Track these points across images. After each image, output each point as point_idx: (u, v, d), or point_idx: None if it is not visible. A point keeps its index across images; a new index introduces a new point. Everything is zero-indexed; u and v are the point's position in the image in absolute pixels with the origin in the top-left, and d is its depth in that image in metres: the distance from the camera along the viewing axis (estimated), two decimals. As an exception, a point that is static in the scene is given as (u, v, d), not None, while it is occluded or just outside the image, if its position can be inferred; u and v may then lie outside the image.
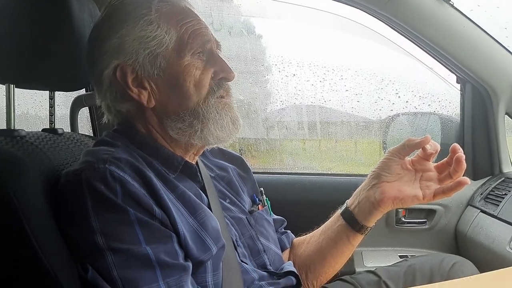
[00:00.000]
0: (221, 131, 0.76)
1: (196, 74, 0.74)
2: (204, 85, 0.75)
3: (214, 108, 0.75)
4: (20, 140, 0.73)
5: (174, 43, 0.74)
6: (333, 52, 1.66)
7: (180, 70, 0.74)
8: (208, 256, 0.69)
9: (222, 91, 0.77)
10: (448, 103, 1.60)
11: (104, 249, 0.61)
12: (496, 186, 1.38)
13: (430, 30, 1.29)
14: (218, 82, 0.77)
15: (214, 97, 0.76)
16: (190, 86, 0.74)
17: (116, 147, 0.71)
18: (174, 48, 0.74)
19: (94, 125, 1.44)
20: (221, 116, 0.76)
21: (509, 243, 1.14)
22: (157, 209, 0.65)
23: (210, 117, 0.75)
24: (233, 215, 0.85)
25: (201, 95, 0.75)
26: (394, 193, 0.82)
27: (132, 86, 0.74)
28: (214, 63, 0.77)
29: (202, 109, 0.75)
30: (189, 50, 0.74)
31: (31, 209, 0.61)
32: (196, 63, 0.75)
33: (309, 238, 0.98)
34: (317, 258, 0.93)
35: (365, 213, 0.86)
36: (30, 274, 0.61)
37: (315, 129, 1.78)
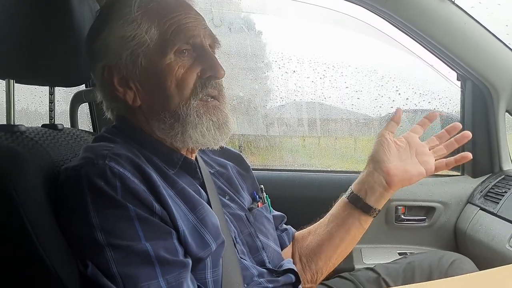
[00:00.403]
0: (201, 137, 0.73)
1: (178, 73, 0.72)
2: (187, 85, 0.72)
3: (194, 111, 0.72)
4: (20, 136, 0.73)
5: (156, 41, 0.72)
6: (333, 48, 1.66)
7: (161, 69, 0.72)
8: (208, 253, 0.69)
9: (211, 90, 0.74)
10: (449, 100, 1.59)
11: (103, 245, 0.61)
12: (496, 184, 1.38)
13: (431, 27, 1.29)
14: (205, 81, 0.73)
15: (197, 99, 0.73)
16: (171, 86, 0.72)
17: (116, 143, 0.71)
18: (156, 47, 0.72)
19: (94, 121, 1.44)
20: (201, 120, 0.72)
21: (509, 241, 1.15)
22: (157, 206, 0.65)
23: (189, 120, 0.72)
24: (232, 212, 0.84)
25: (183, 96, 0.72)
26: (401, 174, 0.86)
27: (118, 86, 0.74)
28: (203, 60, 0.74)
29: (182, 112, 0.72)
30: (172, 47, 0.72)
31: (31, 204, 0.61)
32: (180, 62, 0.72)
33: (314, 229, 0.97)
34: (328, 246, 0.93)
35: (377, 197, 0.88)
36: (30, 269, 0.61)
37: (315, 126, 1.78)
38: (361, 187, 0.89)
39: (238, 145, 1.73)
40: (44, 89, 0.98)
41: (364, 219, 0.90)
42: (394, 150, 0.88)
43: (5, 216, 0.60)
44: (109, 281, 0.61)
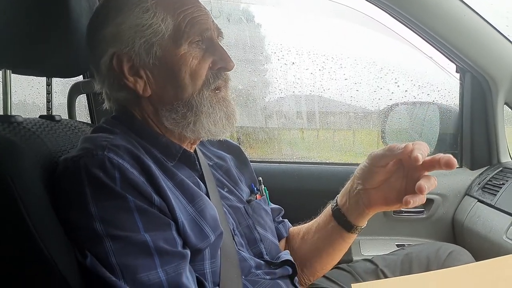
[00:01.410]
0: (213, 126, 0.75)
1: (192, 64, 0.73)
2: (200, 75, 0.73)
3: (208, 101, 0.74)
4: (17, 126, 0.72)
5: (171, 31, 0.72)
6: (332, 40, 1.65)
7: (176, 60, 0.72)
8: (206, 244, 0.70)
9: (220, 82, 0.76)
10: (447, 92, 1.59)
11: (102, 236, 0.61)
12: (494, 176, 1.38)
13: (430, 19, 1.28)
14: (216, 73, 0.75)
15: (209, 89, 0.74)
16: (185, 76, 0.73)
17: (115, 134, 0.71)
18: (170, 37, 0.72)
19: (92, 112, 1.43)
20: (214, 110, 0.74)
21: (506, 232, 1.15)
22: (156, 197, 0.65)
23: (203, 110, 0.73)
24: (230, 204, 0.85)
25: (196, 86, 0.73)
26: (380, 201, 0.80)
27: (128, 74, 0.73)
28: (213, 52, 0.75)
29: (196, 101, 0.73)
30: (186, 38, 0.73)
31: (29, 195, 0.60)
32: (193, 52, 0.73)
33: (302, 234, 0.97)
34: (313, 256, 0.93)
35: (356, 215, 0.85)
36: (28, 260, 0.61)
37: (313, 119, 1.78)
38: (345, 200, 0.86)
39: (237, 137, 1.73)
40: (42, 82, 0.97)
41: (347, 236, 0.88)
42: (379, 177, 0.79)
43: (3, 207, 0.59)
44: (108, 272, 0.61)
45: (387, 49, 1.61)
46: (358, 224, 0.86)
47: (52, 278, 0.61)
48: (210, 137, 0.78)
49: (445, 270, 0.91)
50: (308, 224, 0.98)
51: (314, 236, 0.93)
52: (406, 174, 0.77)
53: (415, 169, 0.74)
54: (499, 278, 0.81)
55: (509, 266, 0.85)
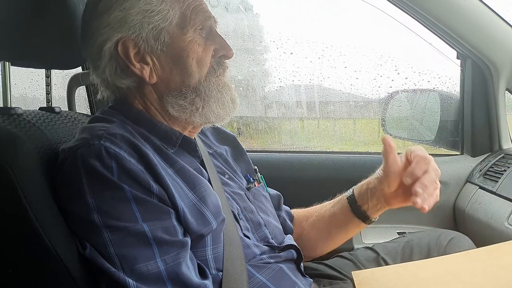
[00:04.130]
0: (222, 109, 0.77)
1: (198, 51, 0.74)
2: (205, 62, 0.75)
3: (215, 86, 0.76)
4: (17, 118, 0.73)
5: (178, 18, 0.73)
6: (331, 27, 1.64)
7: (184, 46, 0.74)
8: (208, 230, 0.70)
9: (221, 70, 0.78)
10: (448, 79, 1.58)
11: (100, 227, 0.61)
12: (495, 163, 1.38)
13: (430, 4, 1.26)
14: (218, 60, 0.77)
15: (215, 75, 0.76)
16: (192, 62, 0.74)
17: (112, 123, 0.70)
18: (177, 24, 0.73)
19: (92, 103, 1.43)
20: (222, 94, 0.77)
21: (507, 219, 1.15)
22: (155, 185, 0.65)
23: (212, 94, 0.75)
24: (232, 191, 0.85)
25: (203, 72, 0.75)
26: (399, 200, 0.87)
27: (135, 61, 0.73)
28: (214, 40, 0.77)
29: (204, 87, 0.75)
30: (192, 26, 0.74)
31: (29, 186, 0.61)
32: (198, 40, 0.75)
33: (312, 220, 1.00)
34: (324, 240, 0.99)
35: (375, 211, 0.92)
36: (30, 251, 0.61)
37: (313, 108, 1.77)
38: (364, 193, 0.91)
39: (237, 128, 1.72)
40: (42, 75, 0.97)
41: (363, 225, 0.95)
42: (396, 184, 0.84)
43: (4, 198, 0.60)
44: (107, 262, 0.61)
45: (386, 36, 1.59)
46: (375, 216, 0.94)
47: (53, 268, 0.61)
48: (219, 121, 0.80)
49: (445, 256, 0.92)
50: (317, 210, 1.01)
51: (328, 224, 0.98)
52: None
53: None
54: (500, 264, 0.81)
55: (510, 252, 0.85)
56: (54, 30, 0.78)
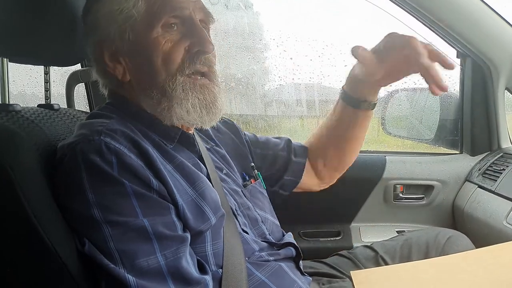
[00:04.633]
0: (186, 113, 0.71)
1: (165, 47, 0.70)
2: (173, 59, 0.71)
3: (180, 87, 0.70)
4: (15, 115, 0.72)
5: (144, 14, 0.71)
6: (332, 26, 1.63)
7: (148, 44, 0.70)
8: (207, 226, 0.69)
9: (200, 66, 0.72)
10: (448, 78, 1.58)
11: (100, 222, 0.61)
12: (494, 162, 1.38)
13: (430, 3, 1.26)
14: (193, 56, 0.71)
15: (184, 74, 0.71)
16: (158, 60, 0.70)
17: (111, 119, 0.70)
18: (143, 20, 0.71)
19: (91, 101, 1.43)
20: (186, 96, 0.71)
21: (506, 218, 1.15)
22: (155, 181, 0.65)
23: (175, 95, 0.70)
24: (230, 187, 0.85)
25: (170, 71, 0.71)
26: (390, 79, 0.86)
27: (109, 61, 0.74)
28: (191, 35, 0.72)
29: (169, 87, 0.71)
30: (158, 21, 0.70)
31: (28, 183, 0.60)
32: (167, 36, 0.71)
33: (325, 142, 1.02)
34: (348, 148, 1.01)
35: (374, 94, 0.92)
36: (28, 248, 0.61)
37: (313, 107, 1.77)
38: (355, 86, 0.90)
39: (236, 126, 1.72)
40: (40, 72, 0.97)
41: (370, 113, 0.94)
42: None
43: (2, 195, 0.59)
44: (106, 258, 0.61)
45: (386, 34, 1.58)
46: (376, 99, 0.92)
47: (52, 265, 0.61)
48: (188, 125, 0.76)
49: (444, 257, 0.92)
50: (324, 130, 1.02)
51: (342, 134, 0.98)
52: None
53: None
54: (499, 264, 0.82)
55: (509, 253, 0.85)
56: (53, 27, 0.78)
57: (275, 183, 1.03)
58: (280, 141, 1.05)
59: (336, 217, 1.47)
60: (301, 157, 1.04)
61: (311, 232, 1.44)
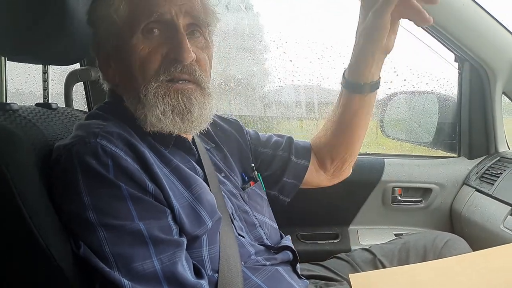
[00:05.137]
0: (156, 121, 0.69)
1: (142, 53, 0.69)
2: (149, 66, 0.69)
3: (152, 93, 0.68)
4: (12, 114, 0.72)
5: (126, 19, 0.70)
6: (331, 28, 1.63)
7: (128, 49, 0.69)
8: (204, 231, 0.69)
9: (179, 74, 0.69)
10: (446, 82, 1.58)
11: (96, 225, 0.60)
12: (491, 166, 1.39)
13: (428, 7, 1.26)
14: (168, 63, 0.69)
15: (158, 80, 0.69)
16: (135, 67, 0.69)
17: (108, 121, 0.70)
18: (125, 25, 0.70)
19: (89, 100, 1.42)
20: (156, 103, 0.68)
21: (503, 222, 1.16)
22: (150, 184, 0.64)
23: (146, 102, 0.68)
24: (228, 189, 0.84)
25: (146, 77, 0.69)
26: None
27: (102, 63, 0.76)
28: (170, 40, 0.69)
29: (142, 93, 0.69)
30: (138, 26, 0.69)
31: (24, 183, 0.60)
32: (146, 41, 0.69)
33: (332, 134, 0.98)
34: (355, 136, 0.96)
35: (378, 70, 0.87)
36: (23, 250, 0.60)
37: (312, 108, 1.77)
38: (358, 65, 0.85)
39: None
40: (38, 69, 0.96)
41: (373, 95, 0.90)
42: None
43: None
44: (101, 262, 0.60)
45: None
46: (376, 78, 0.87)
47: (47, 268, 0.60)
48: (163, 131, 0.71)
49: (442, 260, 0.92)
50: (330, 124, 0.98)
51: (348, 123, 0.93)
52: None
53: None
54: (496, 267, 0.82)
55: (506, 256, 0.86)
56: (52, 26, 0.77)
57: (274, 186, 1.00)
58: (282, 140, 1.03)
59: (334, 220, 1.47)
60: (303, 159, 1.00)
61: (309, 234, 1.44)
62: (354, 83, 0.87)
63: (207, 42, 0.76)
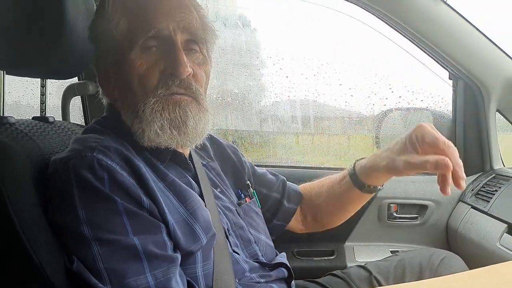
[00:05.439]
0: (155, 135, 0.69)
1: (140, 69, 0.69)
2: (147, 81, 0.69)
3: (150, 108, 0.69)
4: (9, 127, 0.72)
5: (125, 35, 0.71)
6: (327, 45, 1.66)
7: (127, 65, 0.70)
8: (198, 247, 0.69)
9: (176, 88, 0.70)
10: (441, 99, 1.60)
11: (90, 240, 0.60)
12: (487, 183, 1.39)
13: (423, 26, 1.30)
14: (166, 78, 0.70)
15: (156, 95, 0.69)
16: (134, 82, 0.70)
17: (105, 135, 0.70)
18: (124, 41, 0.71)
19: (86, 114, 1.43)
20: (154, 118, 0.68)
21: (499, 240, 1.15)
22: (146, 199, 0.64)
23: (144, 117, 0.69)
24: (224, 205, 0.84)
25: (145, 92, 0.69)
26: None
27: (102, 78, 0.76)
28: (167, 56, 0.70)
29: (140, 108, 0.69)
30: (137, 42, 0.70)
31: (19, 197, 0.60)
32: (144, 57, 0.70)
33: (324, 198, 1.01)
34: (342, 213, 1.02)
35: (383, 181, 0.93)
36: (16, 265, 0.59)
37: (308, 123, 1.78)
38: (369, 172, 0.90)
39: (232, 141, 1.72)
40: (36, 83, 0.97)
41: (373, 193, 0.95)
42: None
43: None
44: (95, 277, 0.59)
45: (381, 55, 1.62)
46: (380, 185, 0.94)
47: (40, 283, 0.59)
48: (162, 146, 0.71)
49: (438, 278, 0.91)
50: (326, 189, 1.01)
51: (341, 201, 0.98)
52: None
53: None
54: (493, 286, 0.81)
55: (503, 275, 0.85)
56: (51, 40, 0.78)
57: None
58: (276, 180, 1.04)
59: (330, 236, 1.46)
60: (293, 203, 1.03)
61: (304, 251, 1.43)
62: (358, 179, 0.92)
63: (204, 58, 0.76)
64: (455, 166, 0.70)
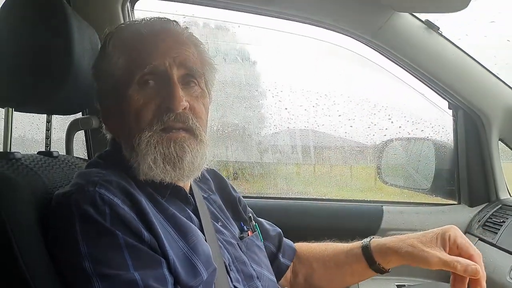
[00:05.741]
0: (148, 169, 0.70)
1: (137, 104, 0.71)
2: (143, 116, 0.71)
3: (144, 142, 0.70)
4: (15, 163, 0.73)
5: (123, 71, 0.73)
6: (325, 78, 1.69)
7: (124, 100, 0.72)
8: (199, 282, 0.68)
9: (173, 123, 0.71)
10: (441, 128, 1.61)
11: (91, 275, 0.60)
12: (493, 213, 1.36)
13: (420, 57, 1.32)
14: (162, 113, 0.71)
15: (151, 130, 0.70)
16: (131, 116, 0.72)
17: (108, 169, 0.71)
18: (122, 78, 0.73)
19: (89, 148, 1.44)
20: (147, 152, 0.69)
21: (509, 273, 1.12)
22: (146, 234, 0.64)
23: (138, 150, 0.70)
24: (225, 239, 0.83)
25: (140, 127, 0.71)
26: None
27: (104, 114, 0.79)
28: (164, 90, 0.71)
29: (135, 142, 0.71)
30: (134, 77, 0.72)
31: (22, 231, 0.60)
32: (141, 92, 0.71)
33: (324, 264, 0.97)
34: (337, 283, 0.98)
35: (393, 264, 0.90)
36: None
37: (309, 154, 1.78)
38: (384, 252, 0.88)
39: (233, 172, 1.72)
40: (41, 117, 0.99)
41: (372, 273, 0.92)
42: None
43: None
44: None
45: (380, 87, 1.64)
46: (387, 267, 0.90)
47: None
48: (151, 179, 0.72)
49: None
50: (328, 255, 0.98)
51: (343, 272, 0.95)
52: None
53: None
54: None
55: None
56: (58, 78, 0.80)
57: None
58: (272, 230, 1.01)
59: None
60: (288, 259, 1.00)
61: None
62: (371, 256, 0.90)
63: (203, 92, 0.78)
64: (481, 277, 0.74)
